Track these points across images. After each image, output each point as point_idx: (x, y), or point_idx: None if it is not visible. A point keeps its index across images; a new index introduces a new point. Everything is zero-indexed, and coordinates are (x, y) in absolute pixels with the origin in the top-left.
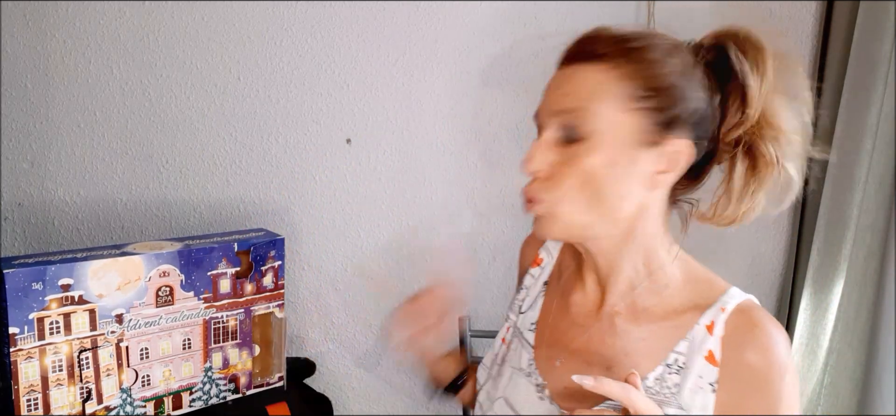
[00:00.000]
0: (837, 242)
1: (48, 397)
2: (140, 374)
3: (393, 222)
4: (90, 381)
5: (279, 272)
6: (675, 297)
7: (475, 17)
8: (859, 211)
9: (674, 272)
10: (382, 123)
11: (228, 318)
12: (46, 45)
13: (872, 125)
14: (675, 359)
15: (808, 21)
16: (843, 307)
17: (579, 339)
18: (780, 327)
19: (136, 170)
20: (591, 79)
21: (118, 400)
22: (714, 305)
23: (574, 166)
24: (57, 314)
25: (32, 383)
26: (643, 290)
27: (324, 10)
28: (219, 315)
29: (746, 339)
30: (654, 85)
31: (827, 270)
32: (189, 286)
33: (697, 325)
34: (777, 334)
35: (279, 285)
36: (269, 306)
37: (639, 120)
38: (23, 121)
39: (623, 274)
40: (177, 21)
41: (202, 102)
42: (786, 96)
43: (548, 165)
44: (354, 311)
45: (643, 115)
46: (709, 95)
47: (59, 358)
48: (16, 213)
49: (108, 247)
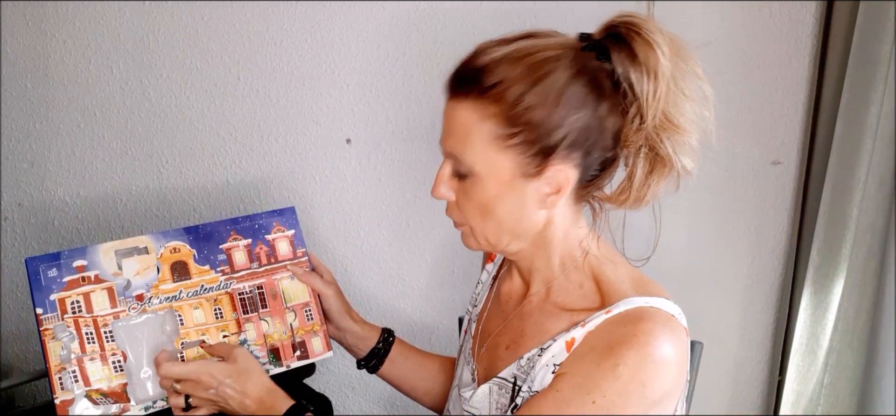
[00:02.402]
0: (837, 242)
1: (85, 370)
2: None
3: (393, 222)
4: (118, 354)
5: (296, 241)
6: (586, 297)
7: (475, 17)
8: (859, 211)
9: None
10: (382, 123)
11: (252, 288)
12: (46, 45)
13: (872, 125)
14: (549, 344)
15: (808, 21)
16: (843, 307)
17: (501, 324)
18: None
19: (136, 170)
20: (463, 119)
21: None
22: (605, 308)
23: (468, 198)
24: (76, 295)
25: (61, 362)
26: (558, 286)
27: (324, 10)
28: (241, 286)
29: (605, 337)
30: (518, 123)
31: (827, 270)
32: (204, 260)
33: (580, 323)
34: (643, 347)
35: (299, 255)
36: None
37: (513, 156)
38: (23, 121)
39: (540, 273)
40: (177, 21)
41: (202, 102)
42: (683, 90)
43: (452, 192)
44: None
45: (515, 151)
46: (593, 107)
47: (90, 330)
48: (16, 213)
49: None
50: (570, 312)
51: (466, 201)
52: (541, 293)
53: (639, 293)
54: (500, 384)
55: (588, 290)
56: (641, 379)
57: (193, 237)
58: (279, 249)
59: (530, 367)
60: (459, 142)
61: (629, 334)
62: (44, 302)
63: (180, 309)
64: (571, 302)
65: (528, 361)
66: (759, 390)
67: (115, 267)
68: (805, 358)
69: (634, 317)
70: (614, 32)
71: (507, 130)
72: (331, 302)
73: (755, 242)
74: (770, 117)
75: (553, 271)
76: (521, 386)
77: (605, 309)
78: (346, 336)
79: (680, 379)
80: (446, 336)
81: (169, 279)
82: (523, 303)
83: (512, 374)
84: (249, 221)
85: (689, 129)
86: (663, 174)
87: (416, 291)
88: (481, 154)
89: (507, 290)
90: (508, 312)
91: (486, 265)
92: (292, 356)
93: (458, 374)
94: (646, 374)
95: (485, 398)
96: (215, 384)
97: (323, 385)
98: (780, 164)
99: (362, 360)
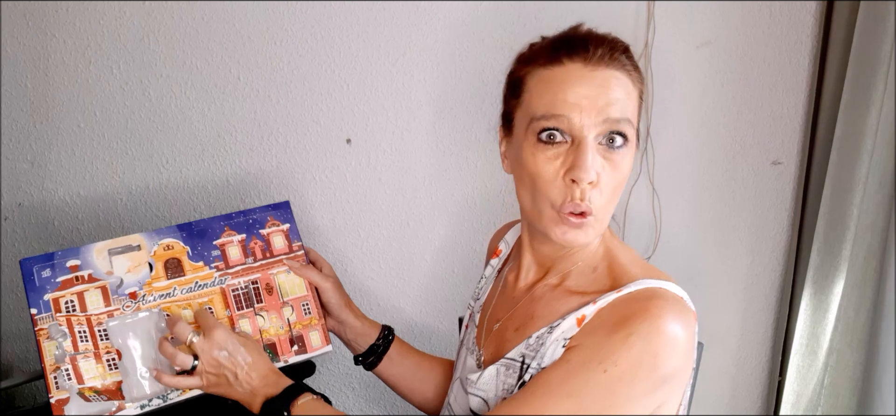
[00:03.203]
0: (837, 242)
1: (78, 368)
2: None
3: (393, 221)
4: (112, 352)
5: (291, 235)
6: (598, 280)
7: (475, 17)
8: (859, 211)
9: (602, 257)
10: (382, 123)
11: (247, 284)
12: (46, 45)
13: (872, 125)
14: (559, 322)
15: (808, 21)
16: (843, 307)
17: (509, 310)
18: (670, 320)
19: (136, 170)
20: (627, 85)
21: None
22: (615, 289)
23: (617, 171)
24: (70, 294)
25: (56, 361)
26: (575, 271)
27: (324, 10)
28: (235, 282)
29: (617, 312)
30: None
31: (827, 270)
32: (198, 256)
33: (592, 302)
34: (654, 321)
35: (295, 248)
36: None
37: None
38: (23, 121)
39: (563, 260)
40: (177, 21)
41: (202, 102)
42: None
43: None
44: None
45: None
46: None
47: (83, 329)
48: (16, 213)
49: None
50: (582, 294)
51: (613, 176)
52: (554, 280)
53: (649, 276)
54: (508, 365)
55: (600, 273)
56: (653, 351)
57: (187, 234)
58: (274, 243)
59: (539, 344)
60: (628, 111)
61: (641, 308)
62: (38, 302)
63: (169, 309)
64: (584, 286)
65: (537, 339)
66: (759, 390)
67: (108, 266)
68: (805, 358)
69: (646, 295)
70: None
71: (639, 110)
72: (329, 295)
73: (755, 242)
74: (770, 117)
75: (575, 258)
76: (529, 364)
77: (617, 289)
78: (345, 330)
79: (687, 364)
80: (446, 336)
81: (163, 277)
82: (534, 288)
83: (520, 353)
84: (243, 216)
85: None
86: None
87: (416, 291)
88: (635, 122)
89: (515, 279)
90: (517, 298)
91: (490, 260)
92: (290, 351)
93: (458, 367)
94: (657, 345)
95: (492, 380)
96: (230, 344)
97: (322, 385)
98: (780, 164)
99: (360, 356)
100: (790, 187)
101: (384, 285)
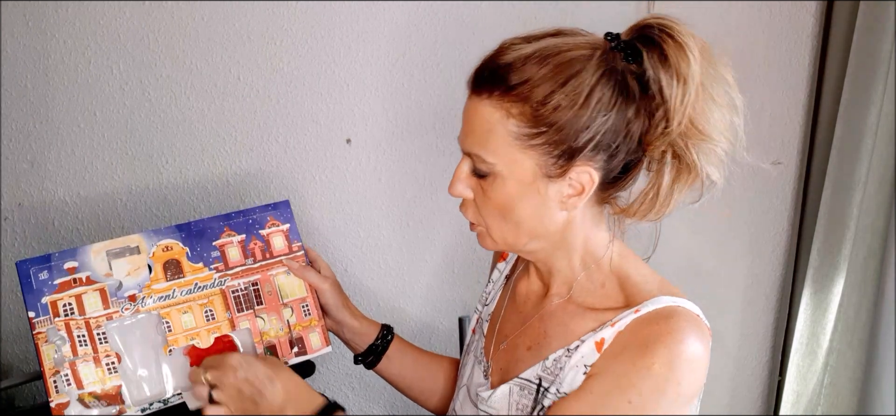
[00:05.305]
0: (837, 242)
1: (78, 373)
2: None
3: (393, 222)
4: (112, 356)
5: (291, 235)
6: (609, 296)
7: (475, 17)
8: (859, 211)
9: (611, 272)
10: (382, 123)
11: (247, 285)
12: (46, 45)
13: (872, 125)
14: (577, 345)
15: (808, 21)
16: (843, 307)
17: (520, 325)
18: (690, 343)
19: (135, 170)
20: (485, 116)
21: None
22: (632, 307)
23: (487, 198)
24: (68, 297)
25: (55, 365)
26: (579, 287)
27: (324, 10)
28: (235, 283)
29: (638, 336)
30: (543, 123)
31: (827, 270)
32: (197, 257)
33: (608, 322)
34: (676, 345)
35: (295, 248)
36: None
37: (535, 157)
38: (23, 121)
39: (561, 274)
40: (177, 21)
41: (202, 102)
42: (713, 97)
43: (470, 190)
44: None
45: (539, 151)
46: (621, 109)
47: (82, 333)
48: (16, 213)
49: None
50: (595, 311)
51: (485, 201)
52: (562, 294)
53: (664, 293)
54: (522, 385)
55: (610, 289)
56: (676, 377)
57: (186, 235)
58: (274, 243)
59: (558, 368)
60: (481, 140)
61: (662, 331)
62: (36, 305)
63: (168, 315)
64: (594, 302)
65: (554, 362)
66: (759, 390)
67: (107, 268)
68: (805, 358)
69: (664, 315)
70: (644, 33)
71: (532, 129)
72: (327, 296)
73: (755, 242)
74: (770, 117)
75: (574, 272)
76: (547, 388)
77: (634, 308)
78: (343, 331)
79: (704, 377)
80: (447, 336)
81: (162, 278)
82: (544, 304)
83: (536, 375)
84: (243, 216)
85: (715, 137)
86: (688, 182)
87: (417, 290)
88: (503, 153)
89: (525, 290)
90: (527, 313)
91: (497, 264)
92: (290, 353)
93: (465, 373)
94: (680, 372)
95: (504, 399)
96: (246, 365)
97: (322, 385)
98: (780, 164)
99: (360, 356)
100: (790, 187)
101: (384, 286)
